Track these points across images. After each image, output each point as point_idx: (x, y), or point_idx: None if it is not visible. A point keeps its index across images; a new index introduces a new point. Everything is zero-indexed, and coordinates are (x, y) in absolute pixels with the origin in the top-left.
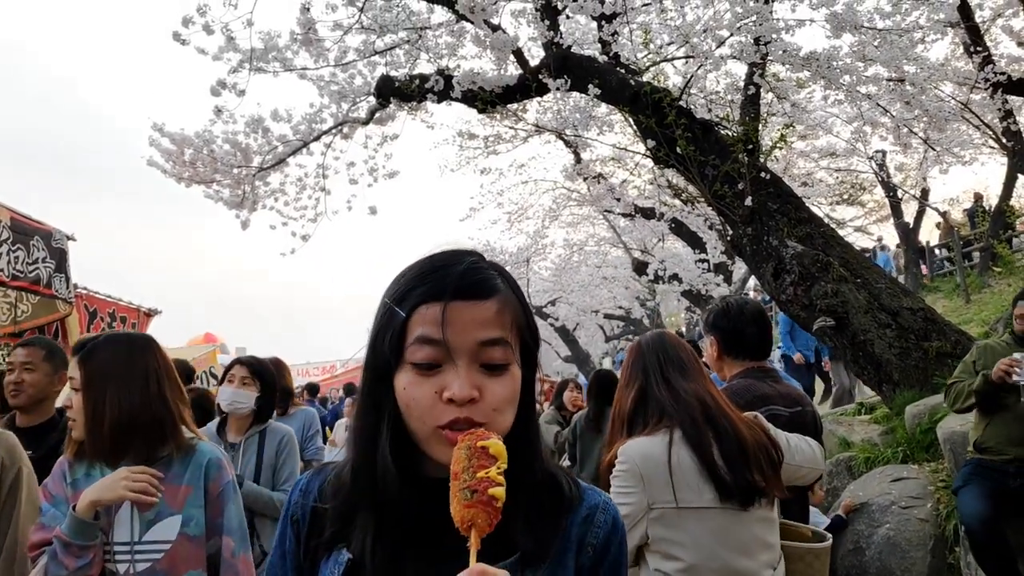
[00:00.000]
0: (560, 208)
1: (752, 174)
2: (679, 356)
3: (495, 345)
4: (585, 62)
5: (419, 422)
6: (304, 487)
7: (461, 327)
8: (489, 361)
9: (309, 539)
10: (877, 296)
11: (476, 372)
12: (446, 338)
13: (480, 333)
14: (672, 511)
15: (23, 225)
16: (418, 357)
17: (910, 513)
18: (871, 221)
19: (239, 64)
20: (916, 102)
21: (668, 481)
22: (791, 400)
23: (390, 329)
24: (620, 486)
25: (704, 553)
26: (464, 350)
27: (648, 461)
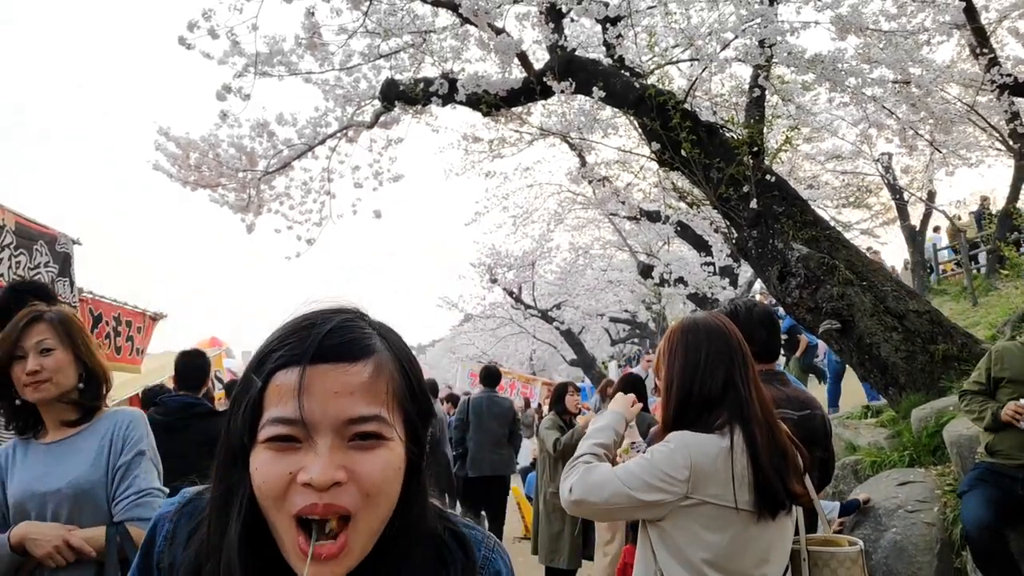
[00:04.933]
0: (565, 212)
1: (757, 177)
2: (745, 352)
3: (366, 422)
4: (590, 65)
5: (272, 510)
6: (170, 533)
7: (324, 397)
8: (360, 434)
9: None
10: (883, 299)
11: (342, 450)
12: (303, 413)
13: (348, 406)
14: (711, 508)
15: (27, 229)
16: (270, 432)
17: (916, 517)
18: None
19: (244, 68)
20: (922, 104)
21: (719, 478)
22: (800, 403)
23: (244, 402)
24: (661, 465)
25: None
26: (326, 426)
27: (704, 454)
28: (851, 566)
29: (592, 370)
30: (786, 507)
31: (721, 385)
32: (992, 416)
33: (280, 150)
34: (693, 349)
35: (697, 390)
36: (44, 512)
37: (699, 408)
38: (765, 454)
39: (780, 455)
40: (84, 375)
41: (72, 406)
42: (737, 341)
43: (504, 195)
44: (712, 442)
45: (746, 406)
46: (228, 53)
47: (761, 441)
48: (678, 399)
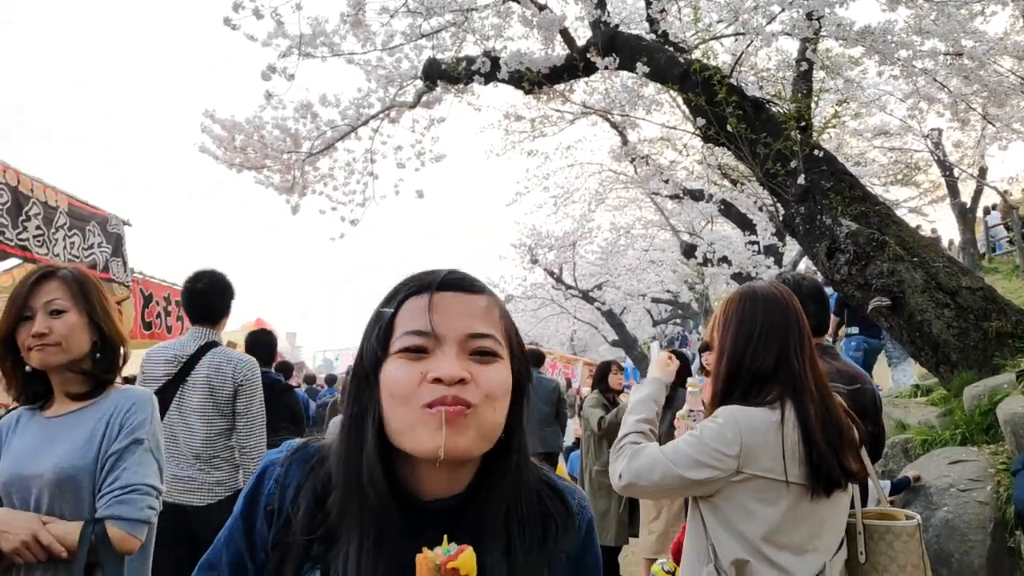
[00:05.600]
0: (607, 191)
1: (805, 152)
2: (802, 324)
3: (484, 338)
4: (633, 41)
5: (403, 406)
6: (281, 477)
7: (449, 315)
8: (479, 349)
9: (282, 537)
10: (934, 275)
11: (465, 359)
12: (433, 325)
13: (469, 323)
14: (763, 482)
15: (80, 211)
16: (404, 344)
17: (969, 496)
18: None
19: (288, 49)
20: (975, 77)
21: (769, 452)
22: (849, 377)
23: (377, 327)
24: (710, 441)
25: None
26: (452, 337)
27: (754, 428)
28: (908, 540)
29: (634, 351)
30: (842, 485)
31: (775, 358)
32: None
33: (323, 131)
34: (749, 319)
35: (748, 363)
36: (27, 498)
37: (750, 381)
38: (819, 430)
39: (835, 431)
40: (99, 342)
41: (82, 377)
42: (796, 313)
43: (545, 175)
44: (762, 416)
45: (799, 380)
46: (271, 35)
47: (815, 417)
48: (728, 370)
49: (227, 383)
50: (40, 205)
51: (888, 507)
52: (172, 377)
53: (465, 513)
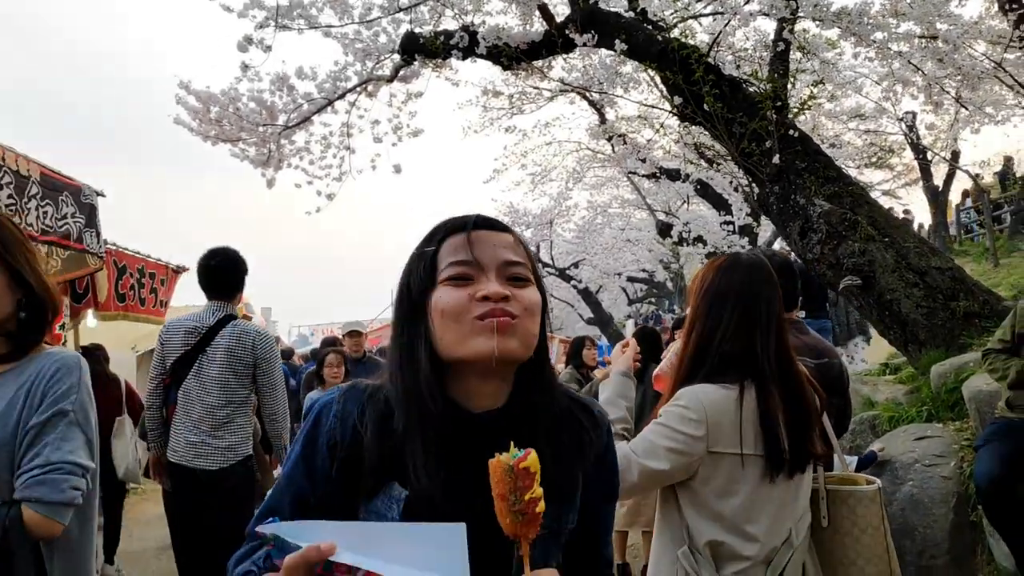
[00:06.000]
0: (584, 170)
1: (780, 132)
2: (773, 301)
3: (518, 265)
4: (612, 18)
5: (455, 322)
6: (340, 412)
7: (486, 248)
8: (514, 275)
9: (349, 468)
10: (905, 255)
11: (504, 283)
12: (475, 256)
13: (504, 253)
14: (734, 459)
15: (53, 180)
16: (451, 273)
17: (933, 471)
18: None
19: (264, 20)
20: (949, 60)
21: (736, 429)
22: (818, 352)
23: (421, 263)
24: (677, 426)
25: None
26: (492, 265)
27: (716, 406)
28: (869, 504)
29: (609, 329)
30: (803, 469)
31: (747, 333)
32: (1016, 373)
33: (300, 104)
34: (727, 289)
35: (720, 335)
36: None
37: (718, 356)
38: (781, 413)
39: (802, 413)
40: (24, 300)
41: (3, 339)
42: (774, 286)
43: (522, 152)
44: (724, 394)
45: (766, 359)
46: (248, 6)
47: (778, 398)
48: (700, 340)
49: (247, 354)
50: (12, 174)
51: (850, 473)
52: (191, 347)
53: (510, 422)
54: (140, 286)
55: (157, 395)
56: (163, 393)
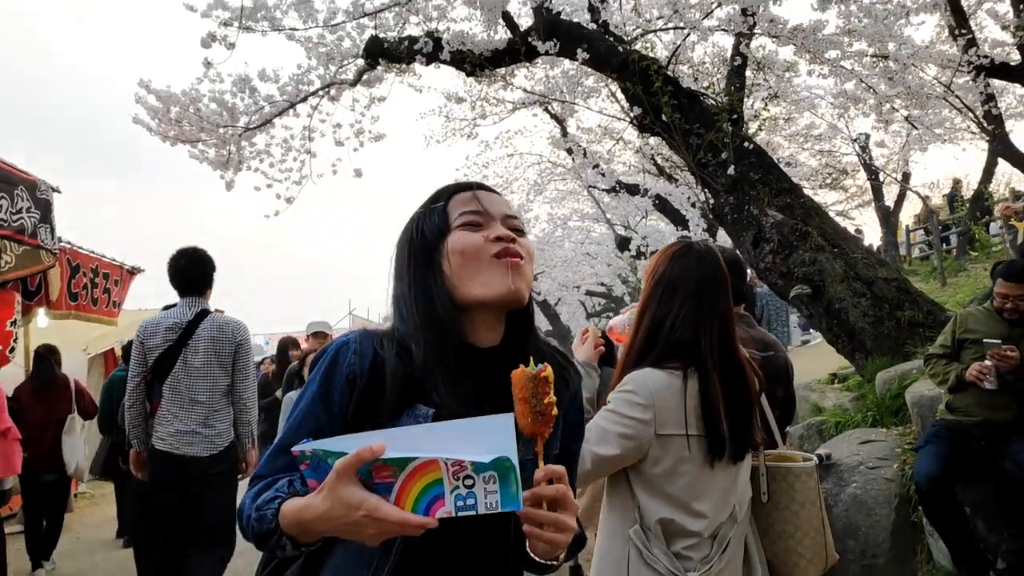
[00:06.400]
0: (545, 182)
1: (736, 143)
2: (720, 292)
3: (515, 219)
4: (574, 28)
5: (474, 259)
6: (358, 349)
7: (491, 203)
8: (514, 226)
9: (368, 398)
10: (853, 266)
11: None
12: (484, 206)
13: (504, 208)
14: (680, 440)
15: (8, 174)
16: (464, 220)
17: (876, 473)
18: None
19: (228, 21)
20: (899, 79)
21: (681, 412)
22: (764, 344)
23: (432, 215)
24: (625, 411)
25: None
26: (497, 216)
27: (662, 390)
28: (807, 479)
29: (567, 342)
30: (743, 456)
31: (692, 325)
32: (956, 377)
33: (261, 107)
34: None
35: (668, 325)
36: None
37: (667, 341)
38: (722, 400)
39: (742, 401)
40: None
41: None
42: (722, 279)
43: (484, 164)
44: (668, 379)
45: (707, 349)
46: (212, 6)
47: (717, 388)
48: (651, 324)
49: (228, 343)
50: None
51: (787, 451)
52: (173, 342)
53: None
54: (93, 286)
55: (140, 391)
56: (145, 389)
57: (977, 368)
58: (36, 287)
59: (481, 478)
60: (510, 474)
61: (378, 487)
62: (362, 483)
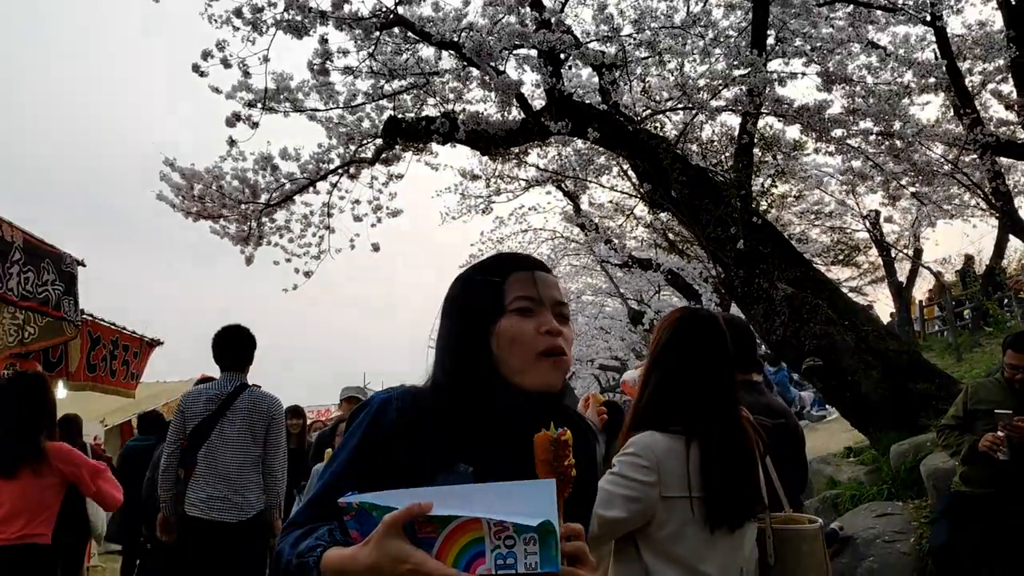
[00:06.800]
0: (559, 257)
1: (745, 218)
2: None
3: (564, 305)
4: (585, 108)
5: (523, 351)
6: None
7: (545, 288)
8: (561, 313)
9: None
10: (864, 338)
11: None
12: (540, 294)
13: (557, 294)
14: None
15: (35, 247)
16: (519, 305)
17: (893, 547)
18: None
19: (252, 102)
20: (905, 156)
21: (685, 474)
22: (775, 412)
23: (489, 290)
24: (630, 474)
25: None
26: (549, 303)
27: (665, 453)
28: (812, 542)
29: None
30: (747, 520)
31: (693, 389)
32: (969, 448)
33: (282, 184)
34: (684, 343)
35: (669, 390)
36: None
37: (666, 408)
38: (725, 466)
39: (743, 466)
40: None
41: None
42: (722, 344)
43: (499, 239)
44: (671, 442)
45: (709, 413)
46: (236, 87)
47: (719, 452)
48: (650, 395)
49: (263, 417)
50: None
51: (792, 513)
52: (212, 412)
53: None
54: (112, 357)
55: (175, 457)
56: (179, 455)
57: (990, 439)
58: (57, 358)
59: (522, 539)
60: (551, 538)
61: (421, 541)
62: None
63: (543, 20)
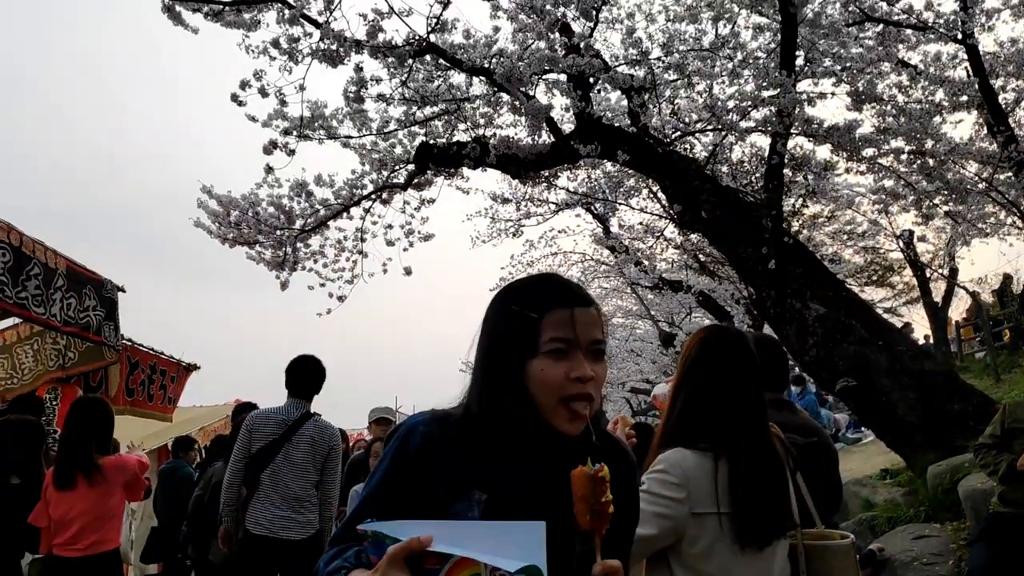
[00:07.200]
0: (589, 280)
1: (776, 239)
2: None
3: (600, 343)
4: (615, 131)
5: (550, 395)
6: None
7: (583, 327)
8: (597, 350)
9: (431, 479)
10: (899, 358)
11: (590, 360)
12: (577, 335)
13: (593, 332)
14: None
15: (77, 274)
16: (553, 347)
17: (932, 570)
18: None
19: (287, 130)
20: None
21: (713, 490)
22: (807, 431)
23: (525, 326)
24: (660, 491)
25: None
26: (584, 344)
27: (694, 469)
28: (844, 557)
29: None
30: (777, 537)
31: (721, 407)
32: (1008, 466)
33: (317, 210)
34: (702, 364)
35: (697, 407)
36: None
37: (694, 425)
38: (753, 483)
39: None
40: None
41: None
42: (750, 361)
43: (529, 262)
44: (699, 459)
45: (737, 431)
46: (272, 116)
47: (747, 470)
48: (679, 412)
49: (324, 445)
50: (40, 266)
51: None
52: (278, 437)
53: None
54: (150, 382)
55: (239, 476)
56: (243, 474)
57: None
58: (98, 383)
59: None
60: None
61: (427, 572)
62: (413, 567)
63: (572, 45)
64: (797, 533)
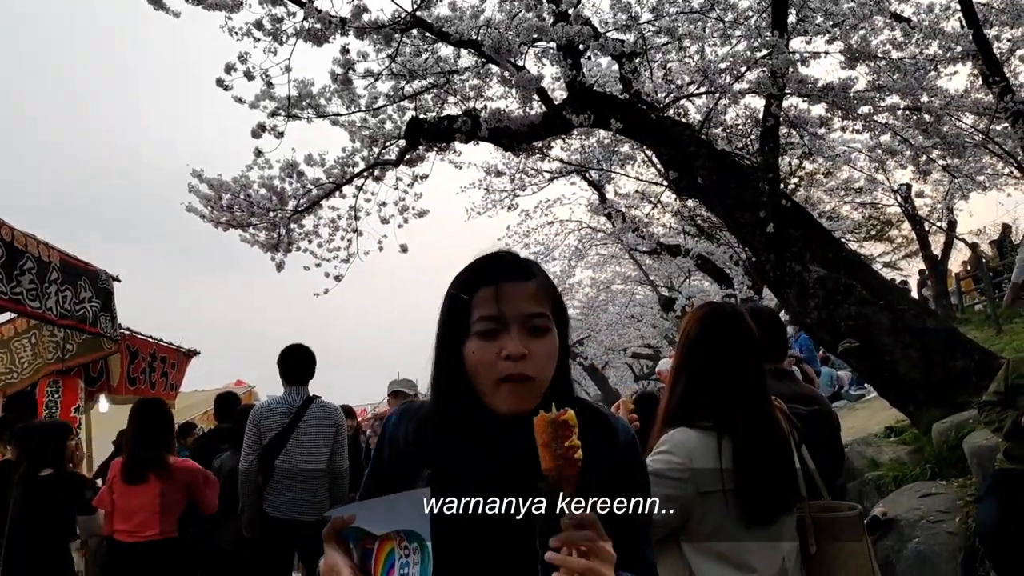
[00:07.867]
0: (586, 248)
1: (773, 202)
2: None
3: (537, 317)
4: (607, 99)
5: (485, 377)
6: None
7: (512, 302)
8: (534, 326)
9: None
10: (900, 317)
11: (525, 336)
12: (501, 311)
13: (526, 306)
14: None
15: (72, 266)
16: (480, 328)
17: (939, 527)
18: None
19: (275, 111)
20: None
21: (718, 469)
22: (808, 399)
23: (457, 308)
24: (665, 472)
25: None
26: (515, 319)
27: (697, 449)
28: (853, 529)
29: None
30: (784, 512)
31: (721, 384)
32: (1012, 423)
33: (309, 189)
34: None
35: (698, 385)
36: None
37: (696, 404)
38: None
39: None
40: None
41: None
42: (748, 337)
43: (525, 232)
44: (702, 438)
45: (738, 407)
46: (259, 97)
47: (750, 446)
48: (680, 392)
49: (331, 424)
50: (33, 260)
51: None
52: (287, 424)
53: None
54: (152, 370)
55: (254, 466)
56: (257, 463)
57: None
58: (98, 373)
59: (412, 549)
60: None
61: (366, 552)
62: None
63: (561, 13)
64: (804, 506)
